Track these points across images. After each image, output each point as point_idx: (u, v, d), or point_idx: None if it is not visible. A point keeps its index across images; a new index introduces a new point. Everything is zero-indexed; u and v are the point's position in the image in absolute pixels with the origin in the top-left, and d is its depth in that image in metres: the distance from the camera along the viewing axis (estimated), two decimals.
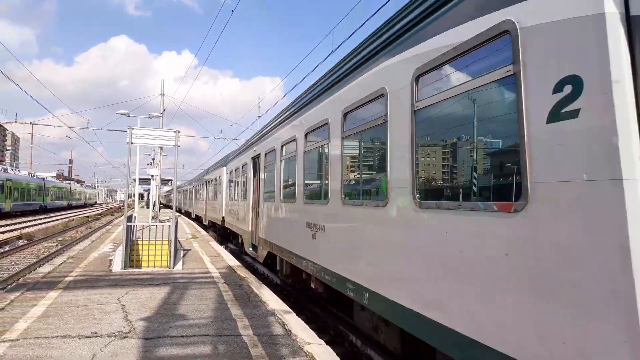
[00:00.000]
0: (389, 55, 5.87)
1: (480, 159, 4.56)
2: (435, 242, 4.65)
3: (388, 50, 5.91)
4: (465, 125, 4.70)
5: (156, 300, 8.83)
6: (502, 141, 4.36)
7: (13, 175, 50.90)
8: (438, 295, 4.55)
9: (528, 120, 3.45)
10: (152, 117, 32.77)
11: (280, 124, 11.78)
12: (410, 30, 5.37)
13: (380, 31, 6.23)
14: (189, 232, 26.43)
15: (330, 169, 7.74)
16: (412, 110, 5.13)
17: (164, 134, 13.58)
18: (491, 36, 3.93)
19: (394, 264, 5.52)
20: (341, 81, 7.51)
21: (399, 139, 5.43)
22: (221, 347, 6.11)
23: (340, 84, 7.56)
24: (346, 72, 7.30)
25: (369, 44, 6.58)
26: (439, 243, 4.58)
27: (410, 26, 5.35)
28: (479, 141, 4.50)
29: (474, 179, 4.55)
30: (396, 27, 5.72)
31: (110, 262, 13.55)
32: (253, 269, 16.86)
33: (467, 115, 4.54)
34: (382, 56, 6.05)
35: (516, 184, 3.67)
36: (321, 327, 9.51)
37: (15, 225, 35.23)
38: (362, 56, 6.69)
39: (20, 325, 6.92)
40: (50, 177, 74.50)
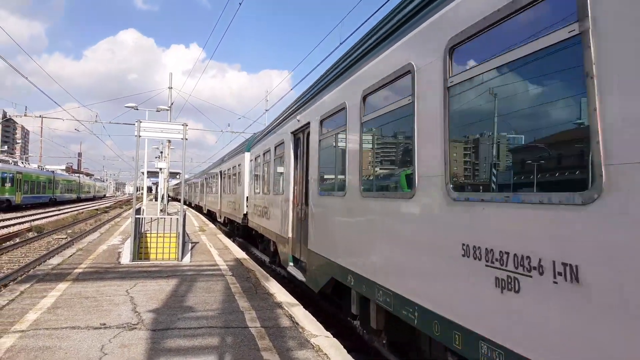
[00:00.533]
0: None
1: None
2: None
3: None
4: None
5: (164, 292, 8.88)
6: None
7: (23, 168, 51.34)
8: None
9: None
10: (160, 110, 32.85)
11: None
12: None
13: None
14: (197, 225, 26.54)
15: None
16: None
17: (171, 127, 13.60)
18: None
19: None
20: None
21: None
22: (229, 339, 6.14)
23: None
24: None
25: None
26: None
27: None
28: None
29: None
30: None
31: (119, 255, 13.64)
32: (260, 261, 16.91)
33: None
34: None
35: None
36: (328, 320, 9.52)
37: (26, 217, 35.57)
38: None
39: (30, 316, 6.99)
40: (60, 170, 75.02)
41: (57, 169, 72.49)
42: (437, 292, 4.63)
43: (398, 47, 5.69)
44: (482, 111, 4.41)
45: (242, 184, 20.49)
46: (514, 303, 3.52)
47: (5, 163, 46.22)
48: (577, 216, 3.03)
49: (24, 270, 14.43)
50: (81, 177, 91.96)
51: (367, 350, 7.91)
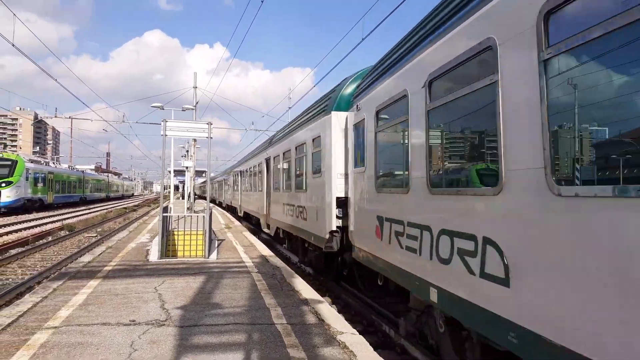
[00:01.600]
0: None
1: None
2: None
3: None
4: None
5: (192, 289, 8.99)
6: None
7: (54, 169, 52.67)
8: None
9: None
10: (185, 109, 33.28)
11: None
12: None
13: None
14: (223, 222, 26.81)
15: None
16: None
17: (197, 126, 13.75)
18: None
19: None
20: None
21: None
22: (255, 336, 6.18)
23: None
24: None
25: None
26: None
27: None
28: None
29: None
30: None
31: (147, 252, 13.87)
32: (286, 258, 16.98)
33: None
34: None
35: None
36: (354, 317, 9.51)
37: (57, 216, 36.51)
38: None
39: (63, 313, 7.16)
40: (89, 170, 76.71)
41: (86, 169, 74.16)
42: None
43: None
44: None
45: (325, 174, 11.18)
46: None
47: (38, 164, 47.44)
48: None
49: (56, 268, 14.81)
50: (110, 176, 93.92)
51: (394, 348, 7.88)
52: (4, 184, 37.80)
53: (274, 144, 19.24)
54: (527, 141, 3.96)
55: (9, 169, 39.05)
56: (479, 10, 4.80)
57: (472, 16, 4.92)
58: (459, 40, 5.20)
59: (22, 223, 30.05)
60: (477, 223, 4.73)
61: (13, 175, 38.76)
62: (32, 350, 5.55)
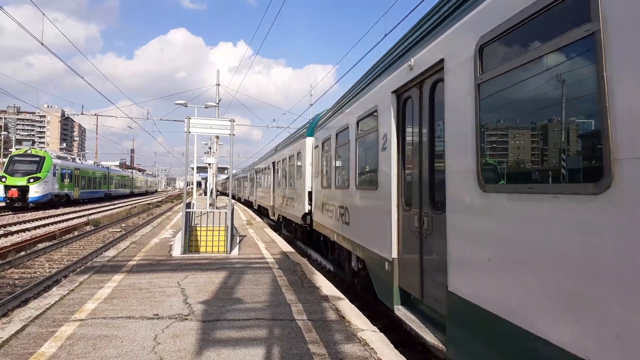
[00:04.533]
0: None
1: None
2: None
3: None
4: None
5: (214, 284, 9.10)
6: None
7: (81, 165, 53.67)
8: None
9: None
10: (208, 107, 33.54)
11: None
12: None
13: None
14: (244, 218, 27.01)
15: None
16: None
17: (219, 123, 13.86)
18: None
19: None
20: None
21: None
22: (276, 331, 6.22)
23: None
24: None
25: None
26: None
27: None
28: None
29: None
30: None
31: (170, 247, 14.07)
32: (307, 255, 17.03)
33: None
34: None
35: None
36: (375, 315, 9.49)
37: (83, 212, 37.26)
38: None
39: (89, 306, 7.32)
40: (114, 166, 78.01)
41: (111, 165, 75.44)
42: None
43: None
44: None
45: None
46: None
47: (64, 160, 48.44)
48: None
49: (82, 262, 15.12)
50: (134, 172, 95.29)
51: (414, 345, 7.84)
52: (33, 179, 38.68)
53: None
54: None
55: (37, 165, 39.93)
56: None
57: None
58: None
59: (50, 218, 30.76)
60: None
61: (41, 171, 39.63)
62: (60, 341, 5.69)
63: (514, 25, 4.00)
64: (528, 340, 3.69)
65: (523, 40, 3.99)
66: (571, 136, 3.64)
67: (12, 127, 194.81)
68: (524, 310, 3.78)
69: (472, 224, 4.72)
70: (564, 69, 3.60)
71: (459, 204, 5.00)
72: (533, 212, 3.71)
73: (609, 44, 3.05)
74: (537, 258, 3.64)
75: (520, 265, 3.84)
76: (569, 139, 3.66)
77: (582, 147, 3.59)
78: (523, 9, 3.86)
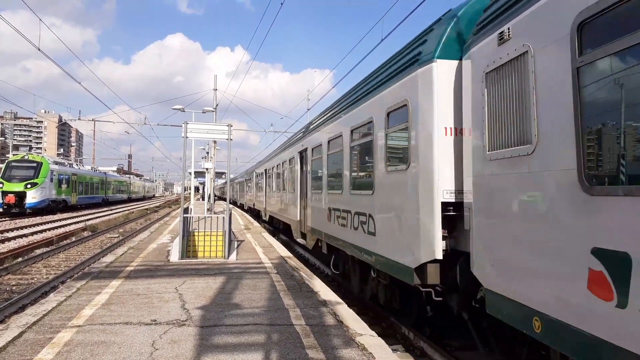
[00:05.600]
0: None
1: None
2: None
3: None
4: None
5: (212, 289, 9.08)
6: None
7: (78, 170, 53.60)
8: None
9: None
10: (205, 112, 33.56)
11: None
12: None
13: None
14: (242, 223, 26.98)
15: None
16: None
17: (217, 128, 13.89)
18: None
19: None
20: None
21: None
22: (274, 337, 6.21)
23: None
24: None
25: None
26: None
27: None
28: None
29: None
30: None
31: (168, 253, 14.04)
32: (304, 259, 17.02)
33: None
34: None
35: None
36: (373, 319, 9.49)
37: (81, 217, 37.19)
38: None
39: (86, 312, 7.29)
40: (111, 171, 77.84)
41: (108, 170, 75.25)
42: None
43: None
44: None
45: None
46: None
47: (62, 165, 48.36)
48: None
49: (79, 268, 15.09)
50: (131, 177, 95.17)
51: (413, 349, 7.84)
52: (30, 185, 38.59)
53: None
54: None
55: (34, 171, 39.85)
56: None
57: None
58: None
59: (47, 224, 30.69)
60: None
61: (38, 176, 39.54)
62: (57, 348, 5.67)
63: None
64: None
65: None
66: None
67: (9, 132, 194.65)
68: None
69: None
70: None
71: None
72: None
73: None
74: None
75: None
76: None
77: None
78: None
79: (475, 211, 5.52)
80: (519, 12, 4.73)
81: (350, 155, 10.08)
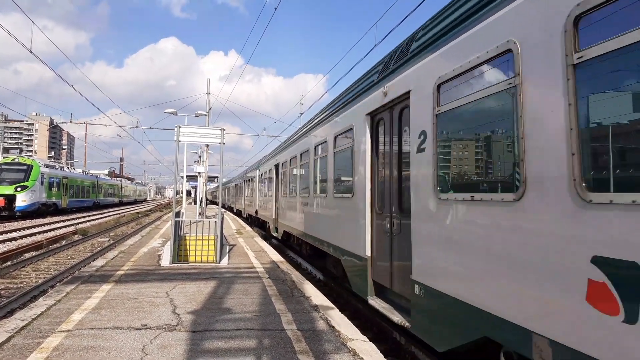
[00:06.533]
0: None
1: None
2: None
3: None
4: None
5: (203, 294, 9.04)
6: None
7: (69, 173, 53.27)
8: None
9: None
10: (198, 115, 33.51)
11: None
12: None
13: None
14: (234, 227, 26.90)
15: None
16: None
17: (209, 132, 13.85)
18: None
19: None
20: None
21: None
22: (266, 342, 6.19)
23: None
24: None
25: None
26: None
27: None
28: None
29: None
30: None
31: (159, 257, 13.96)
32: (296, 264, 17.00)
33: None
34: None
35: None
36: (364, 324, 9.48)
37: (71, 221, 36.88)
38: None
39: (76, 317, 7.23)
40: (103, 175, 77.42)
41: (100, 174, 74.85)
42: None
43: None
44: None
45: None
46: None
47: (52, 168, 48.02)
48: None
49: (69, 272, 14.95)
50: (123, 181, 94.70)
51: (404, 355, 7.84)
52: (20, 188, 38.28)
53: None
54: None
55: (24, 174, 39.55)
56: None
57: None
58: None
59: (37, 227, 30.41)
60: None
61: (28, 179, 39.25)
62: (45, 353, 5.61)
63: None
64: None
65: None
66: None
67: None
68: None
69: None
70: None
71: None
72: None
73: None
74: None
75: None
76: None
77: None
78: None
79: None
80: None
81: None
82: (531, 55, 4.06)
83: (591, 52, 3.44)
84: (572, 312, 3.50)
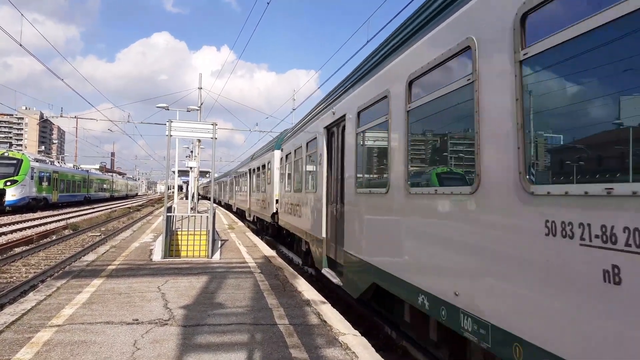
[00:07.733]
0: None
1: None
2: None
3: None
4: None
5: (195, 289, 9.02)
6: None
7: (59, 168, 52.86)
8: None
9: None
10: (190, 110, 33.34)
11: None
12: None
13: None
14: (226, 222, 26.86)
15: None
16: None
17: (201, 127, 13.81)
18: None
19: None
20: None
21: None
22: (258, 336, 6.20)
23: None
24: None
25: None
26: None
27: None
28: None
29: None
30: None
31: (151, 252, 13.92)
32: (288, 259, 17.01)
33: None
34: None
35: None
36: (356, 319, 9.51)
37: (62, 215, 36.64)
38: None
39: (66, 311, 7.20)
40: (94, 169, 76.94)
41: (91, 169, 74.43)
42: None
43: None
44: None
45: None
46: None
47: (43, 163, 47.63)
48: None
49: (60, 267, 14.88)
50: (114, 176, 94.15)
51: (396, 349, 7.88)
52: (10, 182, 37.96)
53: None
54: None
55: (14, 168, 39.20)
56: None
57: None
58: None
59: (27, 222, 30.19)
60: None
61: (18, 174, 38.91)
62: (36, 348, 5.59)
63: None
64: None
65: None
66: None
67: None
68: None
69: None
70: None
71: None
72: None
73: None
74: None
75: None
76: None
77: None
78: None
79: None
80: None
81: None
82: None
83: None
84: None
